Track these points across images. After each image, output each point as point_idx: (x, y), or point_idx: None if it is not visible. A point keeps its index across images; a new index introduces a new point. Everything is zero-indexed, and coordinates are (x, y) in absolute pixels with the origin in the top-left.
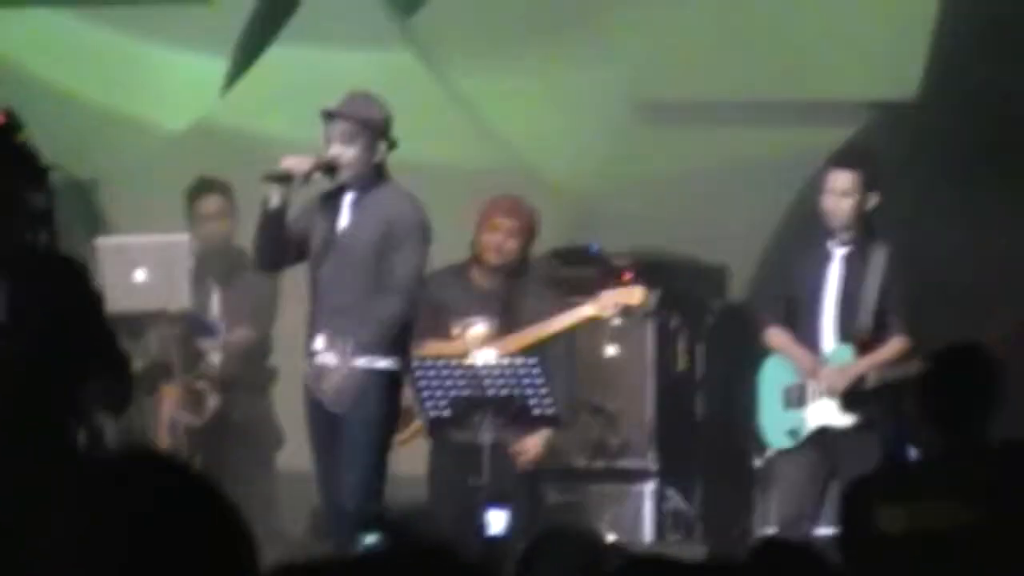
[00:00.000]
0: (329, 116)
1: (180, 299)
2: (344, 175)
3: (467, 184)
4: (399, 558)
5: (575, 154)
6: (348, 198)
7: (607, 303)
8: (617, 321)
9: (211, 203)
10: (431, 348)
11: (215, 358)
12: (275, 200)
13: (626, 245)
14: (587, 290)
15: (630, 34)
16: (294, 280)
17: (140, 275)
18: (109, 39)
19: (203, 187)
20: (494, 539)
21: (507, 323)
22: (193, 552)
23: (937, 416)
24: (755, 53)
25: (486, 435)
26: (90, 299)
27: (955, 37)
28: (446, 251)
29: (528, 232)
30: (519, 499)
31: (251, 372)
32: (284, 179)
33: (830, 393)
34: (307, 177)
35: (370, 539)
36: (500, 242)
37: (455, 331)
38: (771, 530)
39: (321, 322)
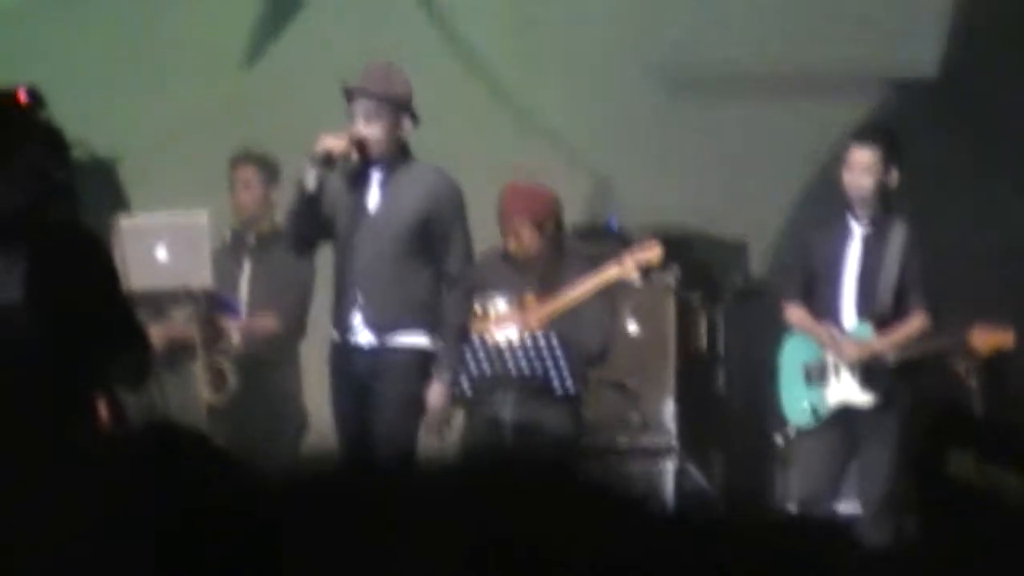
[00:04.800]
0: (350, 93)
1: (202, 277)
2: (372, 153)
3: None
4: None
5: (593, 127)
6: (376, 177)
7: (628, 263)
8: (638, 285)
9: (243, 173)
10: None
11: (235, 337)
12: (311, 181)
13: (645, 220)
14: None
15: (652, 5)
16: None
17: (161, 253)
18: None
19: (241, 156)
20: None
21: (547, 295)
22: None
23: None
24: (776, 25)
25: (508, 411)
26: (109, 275)
27: (974, 14)
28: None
29: (543, 221)
30: None
31: (273, 353)
32: (327, 161)
33: (850, 365)
34: (346, 156)
35: None
36: (515, 240)
37: (476, 308)
38: (792, 507)
39: (354, 301)
